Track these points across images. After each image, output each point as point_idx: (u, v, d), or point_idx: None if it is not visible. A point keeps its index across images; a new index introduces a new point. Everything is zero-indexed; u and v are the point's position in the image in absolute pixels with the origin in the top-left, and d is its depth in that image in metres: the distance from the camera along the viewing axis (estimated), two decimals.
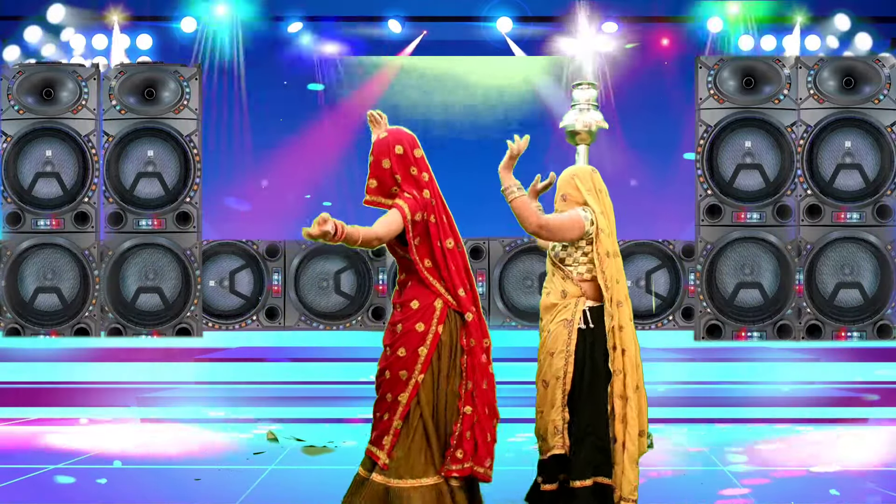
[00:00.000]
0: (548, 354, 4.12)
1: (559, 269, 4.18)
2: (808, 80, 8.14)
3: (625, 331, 4.10)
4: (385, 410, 3.94)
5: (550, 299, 4.16)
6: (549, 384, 4.11)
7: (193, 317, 8.36)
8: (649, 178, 10.34)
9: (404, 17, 10.37)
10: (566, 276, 4.15)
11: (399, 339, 3.92)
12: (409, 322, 3.92)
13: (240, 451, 5.82)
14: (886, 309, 8.04)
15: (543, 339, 4.17)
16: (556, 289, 4.16)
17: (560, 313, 4.12)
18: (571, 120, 4.59)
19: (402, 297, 4.00)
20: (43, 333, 8.20)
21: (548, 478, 4.13)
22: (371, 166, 4.00)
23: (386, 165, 3.96)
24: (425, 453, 3.92)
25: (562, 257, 4.16)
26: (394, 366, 3.91)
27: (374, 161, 3.99)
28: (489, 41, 10.56)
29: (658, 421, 4.82)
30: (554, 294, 4.16)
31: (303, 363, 7.64)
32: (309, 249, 9.11)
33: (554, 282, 4.19)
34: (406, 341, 3.90)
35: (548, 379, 4.11)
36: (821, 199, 8.09)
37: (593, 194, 4.19)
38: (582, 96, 4.62)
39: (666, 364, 7.49)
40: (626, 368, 4.08)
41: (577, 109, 4.59)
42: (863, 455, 5.74)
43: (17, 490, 4.89)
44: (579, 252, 4.14)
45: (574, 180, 4.21)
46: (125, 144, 8.39)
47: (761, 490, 4.85)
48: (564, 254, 4.16)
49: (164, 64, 8.71)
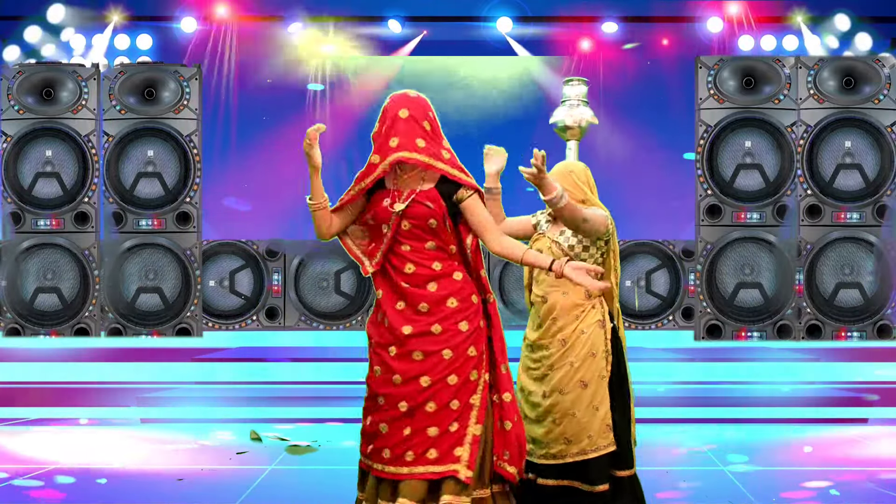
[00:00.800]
0: (589, 356, 4.02)
1: None
2: (808, 80, 8.14)
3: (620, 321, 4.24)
4: (453, 420, 3.48)
5: (571, 299, 4.06)
6: (589, 384, 4.02)
7: (193, 317, 8.36)
8: (649, 178, 10.34)
9: (404, 17, 10.37)
10: None
11: (469, 337, 3.54)
12: (474, 319, 3.57)
13: (239, 451, 5.82)
14: (886, 309, 8.04)
15: (575, 341, 4.04)
16: (575, 288, 3.99)
17: (588, 314, 4.07)
18: (562, 116, 4.61)
19: (450, 290, 3.55)
20: (43, 333, 8.20)
21: (599, 477, 3.99)
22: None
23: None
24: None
25: (583, 258, 4.08)
26: (463, 368, 3.51)
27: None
28: (489, 41, 10.57)
29: (658, 421, 4.82)
30: (574, 293, 4.04)
31: (303, 363, 7.64)
32: (309, 249, 9.11)
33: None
34: (476, 340, 3.55)
35: (588, 379, 4.02)
36: (821, 199, 8.09)
37: (591, 191, 4.18)
38: (572, 92, 4.65)
39: (666, 364, 7.49)
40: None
41: (567, 105, 4.63)
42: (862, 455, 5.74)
43: (16, 490, 4.89)
44: (599, 253, 4.12)
45: (571, 177, 4.17)
46: (125, 144, 8.39)
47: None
48: (586, 255, 4.09)
49: (164, 64, 8.72)
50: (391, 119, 3.59)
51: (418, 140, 3.56)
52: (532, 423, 4.05)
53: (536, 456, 4.05)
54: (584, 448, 3.99)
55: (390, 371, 3.53)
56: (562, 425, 4.01)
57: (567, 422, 4.00)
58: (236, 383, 7.30)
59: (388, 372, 3.54)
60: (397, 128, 3.55)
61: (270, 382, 7.35)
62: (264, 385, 7.32)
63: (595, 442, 3.99)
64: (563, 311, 4.06)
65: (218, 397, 7.07)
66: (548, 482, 4.04)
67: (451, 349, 3.50)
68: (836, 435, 6.37)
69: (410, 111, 3.58)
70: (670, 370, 7.33)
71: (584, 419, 3.99)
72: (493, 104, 10.83)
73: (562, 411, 4.01)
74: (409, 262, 3.55)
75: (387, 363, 3.54)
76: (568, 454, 4.01)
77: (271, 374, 7.52)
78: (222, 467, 5.39)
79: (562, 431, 4.01)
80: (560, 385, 4.03)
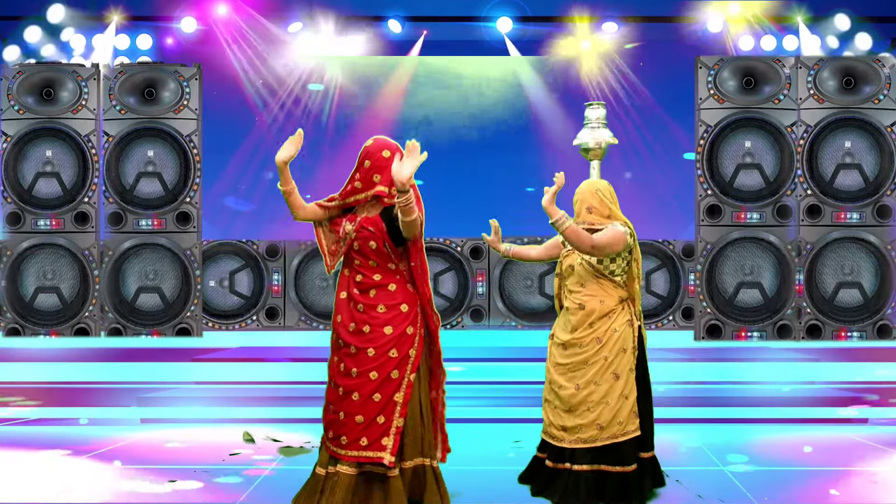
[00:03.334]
0: (620, 351, 4.57)
1: (608, 280, 4.60)
2: (808, 80, 8.15)
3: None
4: (378, 412, 4.15)
5: (608, 304, 4.59)
6: (621, 376, 4.55)
7: (193, 317, 8.36)
8: (649, 178, 10.34)
9: (404, 17, 10.38)
10: (617, 285, 4.62)
11: (391, 341, 4.19)
12: (400, 326, 4.21)
13: (232, 453, 5.82)
14: (886, 309, 8.04)
15: (608, 339, 4.56)
16: (612, 295, 4.60)
17: (620, 315, 4.61)
18: (585, 138, 5.19)
19: (383, 299, 4.24)
20: (43, 333, 8.20)
21: (629, 459, 4.53)
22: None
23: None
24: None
25: (612, 269, 4.59)
26: (385, 366, 4.16)
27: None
28: (489, 41, 10.57)
29: (658, 421, 4.83)
30: (609, 300, 4.60)
31: (303, 363, 7.64)
32: (309, 249, 9.11)
33: (606, 289, 4.60)
34: (399, 343, 4.19)
35: (620, 372, 4.55)
36: (821, 199, 8.10)
37: (615, 206, 4.64)
38: (593, 115, 5.15)
39: (666, 364, 7.48)
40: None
41: (590, 128, 5.13)
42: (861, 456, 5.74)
43: (15, 490, 4.89)
44: (625, 263, 4.61)
45: (598, 195, 4.63)
46: (125, 144, 8.40)
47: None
48: (614, 266, 4.59)
49: (164, 64, 8.72)
50: (376, 158, 4.25)
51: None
52: (562, 412, 4.58)
53: (567, 441, 4.55)
54: (615, 433, 4.52)
55: (340, 360, 4.26)
56: (595, 412, 4.53)
57: (601, 409, 4.53)
58: (236, 383, 7.29)
59: (339, 361, 4.27)
60: (380, 165, 4.24)
61: (270, 382, 7.35)
62: (264, 385, 7.32)
63: (625, 427, 4.53)
64: (599, 315, 4.59)
65: (218, 397, 7.07)
66: (583, 468, 4.52)
67: (375, 349, 4.18)
68: (836, 435, 6.37)
69: (392, 152, 4.24)
70: (670, 370, 7.33)
71: (616, 407, 4.53)
72: (494, 104, 10.82)
73: (596, 400, 4.53)
74: (358, 273, 4.31)
75: (338, 353, 4.28)
76: (599, 439, 4.52)
77: (271, 374, 7.51)
78: (222, 467, 5.39)
79: (595, 418, 4.53)
80: (595, 377, 4.55)
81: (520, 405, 6.47)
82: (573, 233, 4.46)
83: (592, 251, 4.50)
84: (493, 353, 7.47)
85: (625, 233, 4.55)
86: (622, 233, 4.54)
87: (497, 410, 6.59)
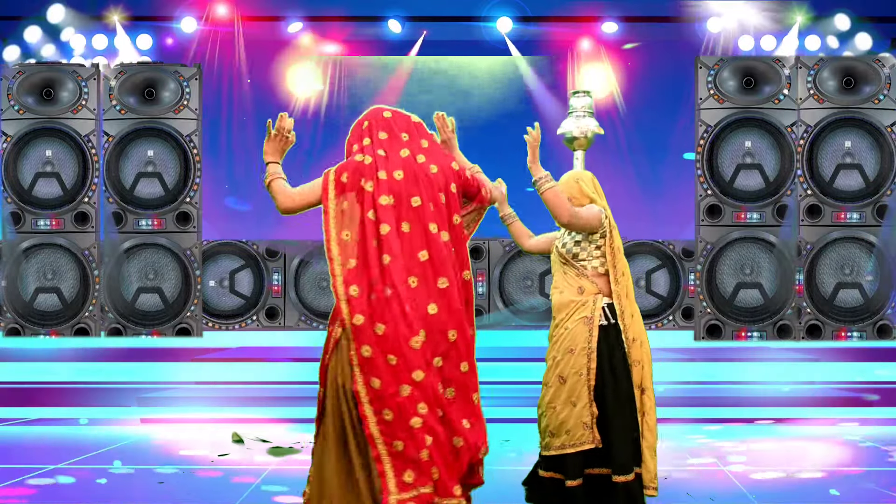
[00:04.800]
0: (567, 352, 4.13)
1: (572, 266, 4.23)
2: (808, 80, 8.15)
3: (636, 320, 4.21)
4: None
5: (566, 297, 4.20)
6: (567, 380, 4.10)
7: (193, 317, 8.36)
8: (649, 178, 10.34)
9: (404, 17, 10.37)
10: (580, 273, 4.20)
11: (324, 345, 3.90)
12: (329, 326, 3.90)
13: (221, 454, 5.82)
14: (886, 309, 8.04)
15: (559, 337, 4.18)
16: (572, 286, 4.20)
17: (578, 311, 4.16)
18: (569, 127, 4.90)
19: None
20: (43, 333, 8.21)
21: (572, 473, 4.07)
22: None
23: None
24: None
25: (575, 252, 4.22)
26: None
27: None
28: (489, 41, 10.56)
29: (658, 421, 4.83)
30: (569, 291, 4.20)
31: (303, 363, 7.64)
32: (309, 249, 9.11)
33: (567, 279, 4.23)
34: (325, 349, 3.90)
35: (566, 375, 4.11)
36: (821, 199, 8.10)
37: (597, 196, 4.29)
38: (578, 104, 4.90)
39: (666, 364, 7.47)
40: (643, 359, 4.18)
41: (574, 116, 4.88)
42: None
43: (15, 490, 4.89)
44: (592, 246, 4.21)
45: (579, 184, 4.30)
46: (125, 144, 8.40)
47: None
48: (578, 249, 4.22)
49: (164, 64, 8.72)
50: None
51: None
52: None
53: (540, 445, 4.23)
54: (564, 442, 4.09)
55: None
56: (546, 418, 4.16)
57: (550, 414, 4.14)
58: (236, 383, 7.29)
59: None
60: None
61: (270, 382, 7.35)
62: (264, 385, 7.32)
63: (573, 437, 4.07)
64: (558, 308, 4.23)
65: (218, 397, 7.08)
66: (545, 474, 4.19)
67: None
68: (836, 435, 6.37)
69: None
70: (670, 370, 7.33)
71: (561, 413, 4.10)
72: (494, 104, 10.82)
73: (545, 404, 4.18)
74: None
75: None
76: (552, 447, 4.13)
77: (271, 374, 7.51)
78: (221, 467, 5.39)
79: (546, 424, 4.16)
80: (546, 378, 4.21)
81: (519, 405, 6.47)
82: (554, 195, 4.11)
83: (570, 220, 4.10)
84: (494, 353, 7.48)
85: (600, 211, 4.19)
86: (598, 211, 4.18)
87: (497, 411, 6.58)
